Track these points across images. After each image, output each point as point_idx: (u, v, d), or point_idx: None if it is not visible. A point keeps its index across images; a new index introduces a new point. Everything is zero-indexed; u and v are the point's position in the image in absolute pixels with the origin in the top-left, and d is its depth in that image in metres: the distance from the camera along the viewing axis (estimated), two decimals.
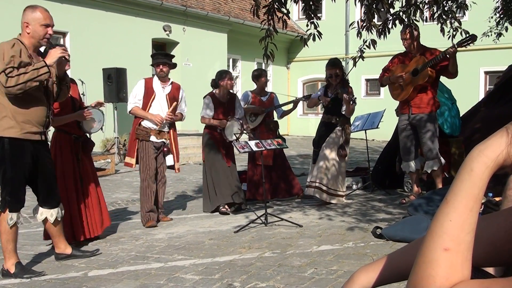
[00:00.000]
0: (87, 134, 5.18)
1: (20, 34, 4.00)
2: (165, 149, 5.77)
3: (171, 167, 5.93)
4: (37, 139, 4.00)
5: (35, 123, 3.94)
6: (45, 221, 4.23)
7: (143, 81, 5.84)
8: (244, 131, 6.63)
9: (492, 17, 9.68)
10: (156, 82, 5.82)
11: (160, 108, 5.74)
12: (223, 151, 6.30)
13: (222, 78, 6.31)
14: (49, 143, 4.38)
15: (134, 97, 5.76)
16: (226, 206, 6.22)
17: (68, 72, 4.46)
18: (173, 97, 5.83)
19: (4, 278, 3.95)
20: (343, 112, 6.48)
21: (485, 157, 0.75)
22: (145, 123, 5.71)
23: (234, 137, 6.15)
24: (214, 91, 6.40)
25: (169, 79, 5.94)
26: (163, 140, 5.76)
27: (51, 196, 4.19)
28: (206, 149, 6.38)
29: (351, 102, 6.29)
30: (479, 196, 0.76)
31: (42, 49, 4.19)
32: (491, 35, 10.25)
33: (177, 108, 5.86)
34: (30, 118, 3.91)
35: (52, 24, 4.01)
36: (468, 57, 12.26)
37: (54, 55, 3.93)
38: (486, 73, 15.67)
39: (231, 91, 6.48)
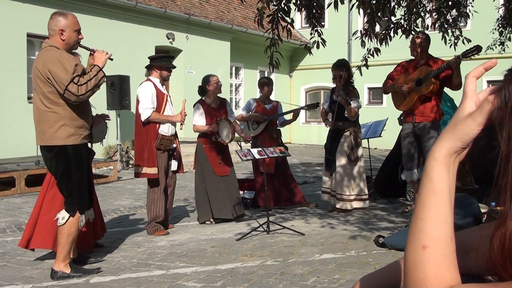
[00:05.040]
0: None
1: (47, 40, 3.96)
2: (175, 153, 5.69)
3: (175, 172, 5.79)
4: (88, 141, 4.19)
5: (87, 126, 4.10)
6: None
7: (151, 84, 5.52)
8: (241, 137, 6.56)
9: (495, 29, 9.68)
10: (159, 85, 5.59)
11: (173, 110, 5.66)
12: (218, 160, 6.15)
13: (208, 82, 6.13)
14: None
15: (150, 101, 5.39)
16: (211, 219, 6.14)
17: None
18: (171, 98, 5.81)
19: (57, 280, 4.01)
20: (346, 115, 6.44)
21: (432, 154, 0.81)
22: (162, 130, 5.48)
23: (230, 137, 6.00)
24: (203, 98, 6.23)
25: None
26: (174, 145, 5.68)
27: (92, 195, 4.34)
28: (198, 159, 6.25)
29: (348, 104, 6.24)
30: (441, 189, 0.79)
31: None
32: (496, 47, 10.25)
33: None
34: (83, 122, 4.05)
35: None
36: (470, 65, 12.16)
37: (103, 58, 4.04)
38: (489, 82, 15.66)
39: (220, 95, 6.29)
